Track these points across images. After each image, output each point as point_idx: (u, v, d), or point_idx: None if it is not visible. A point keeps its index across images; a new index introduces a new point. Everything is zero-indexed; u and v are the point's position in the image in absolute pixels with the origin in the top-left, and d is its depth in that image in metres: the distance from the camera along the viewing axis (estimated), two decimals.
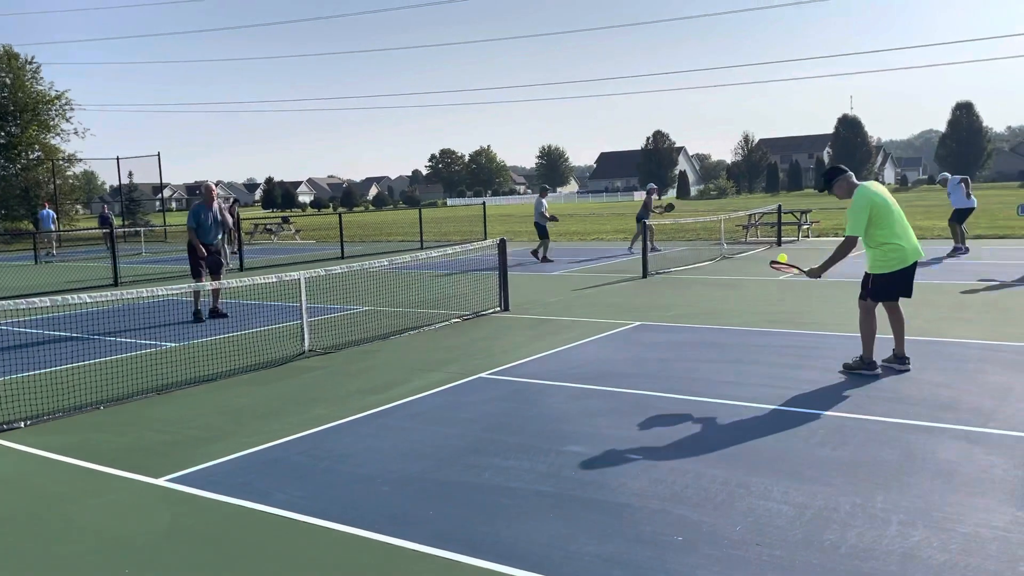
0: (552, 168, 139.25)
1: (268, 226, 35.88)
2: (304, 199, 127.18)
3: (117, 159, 40.98)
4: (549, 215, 19.80)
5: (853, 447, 5.44)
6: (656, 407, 6.55)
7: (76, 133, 49.71)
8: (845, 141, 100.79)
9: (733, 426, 6.00)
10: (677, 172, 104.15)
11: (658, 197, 22.58)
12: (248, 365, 8.77)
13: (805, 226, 23.70)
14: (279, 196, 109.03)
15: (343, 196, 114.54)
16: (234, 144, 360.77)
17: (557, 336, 9.71)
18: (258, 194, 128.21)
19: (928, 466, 5.04)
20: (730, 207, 44.68)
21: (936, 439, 5.54)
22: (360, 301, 13.05)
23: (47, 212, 31.18)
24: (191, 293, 12.37)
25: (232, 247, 20.66)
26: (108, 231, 34.65)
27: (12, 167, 41.61)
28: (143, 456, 5.88)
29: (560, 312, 11.56)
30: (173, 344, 10.31)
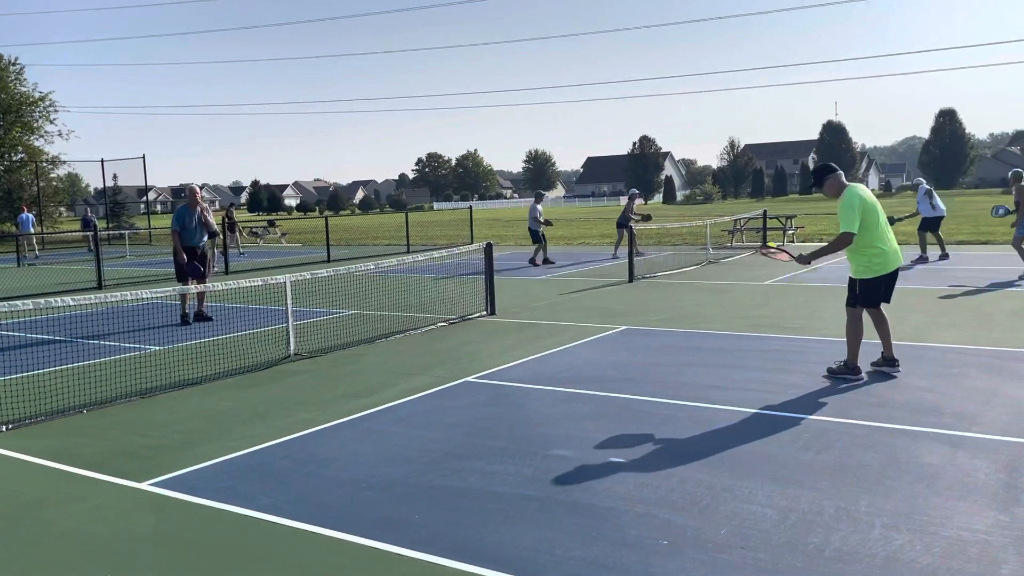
0: (539, 172, 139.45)
1: (254, 229, 35.78)
2: (290, 202, 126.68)
3: (102, 161, 40.70)
4: (544, 220, 19.80)
5: (837, 451, 5.46)
6: (642, 411, 6.56)
7: (60, 135, 49.19)
8: (830, 147, 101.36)
9: (718, 430, 6.02)
10: (663, 177, 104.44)
11: (643, 203, 22.66)
12: (233, 369, 8.73)
13: (790, 231, 23.84)
14: (265, 199, 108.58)
15: (329, 199, 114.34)
16: (220, 147, 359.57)
17: (543, 340, 9.72)
18: (244, 197, 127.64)
19: (911, 470, 5.07)
20: (716, 212, 44.83)
21: (919, 443, 5.58)
22: (346, 305, 13.02)
23: (26, 216, 30.98)
24: (178, 296, 12.30)
25: (233, 248, 20.49)
26: (90, 234, 34.56)
27: None
28: (126, 460, 5.83)
29: (546, 316, 11.57)
30: (157, 348, 10.25)
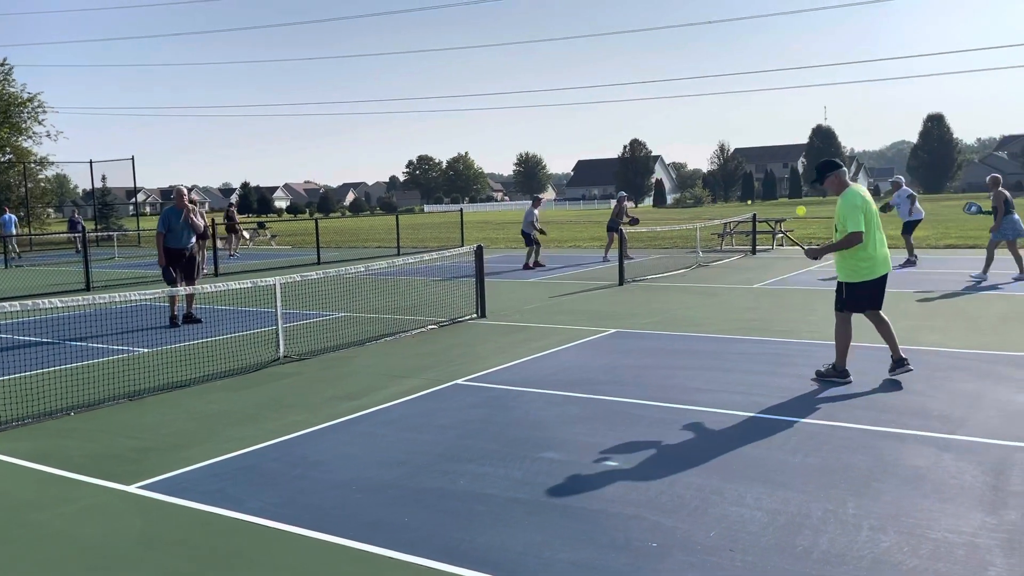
0: (530, 175, 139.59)
1: (244, 231, 35.60)
2: (280, 204, 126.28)
3: (90, 162, 40.47)
4: (540, 227, 19.75)
5: (825, 454, 5.49)
6: (631, 414, 6.58)
7: (48, 136, 48.97)
8: (819, 151, 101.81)
9: (707, 433, 6.04)
10: (653, 180, 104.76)
11: (634, 205, 22.70)
12: (222, 371, 8.70)
13: (779, 235, 23.92)
14: (255, 201, 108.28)
15: (320, 202, 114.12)
16: (209, 148, 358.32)
17: (533, 343, 9.73)
18: (234, 199, 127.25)
19: (899, 472, 5.10)
20: (706, 215, 44.99)
21: (906, 446, 5.61)
22: (336, 307, 13.00)
23: (9, 217, 30.80)
24: (167, 298, 12.25)
25: (224, 250, 20.33)
26: (77, 235, 34.33)
27: None
28: (114, 463, 5.81)
29: (537, 319, 11.58)
30: (146, 350, 10.21)
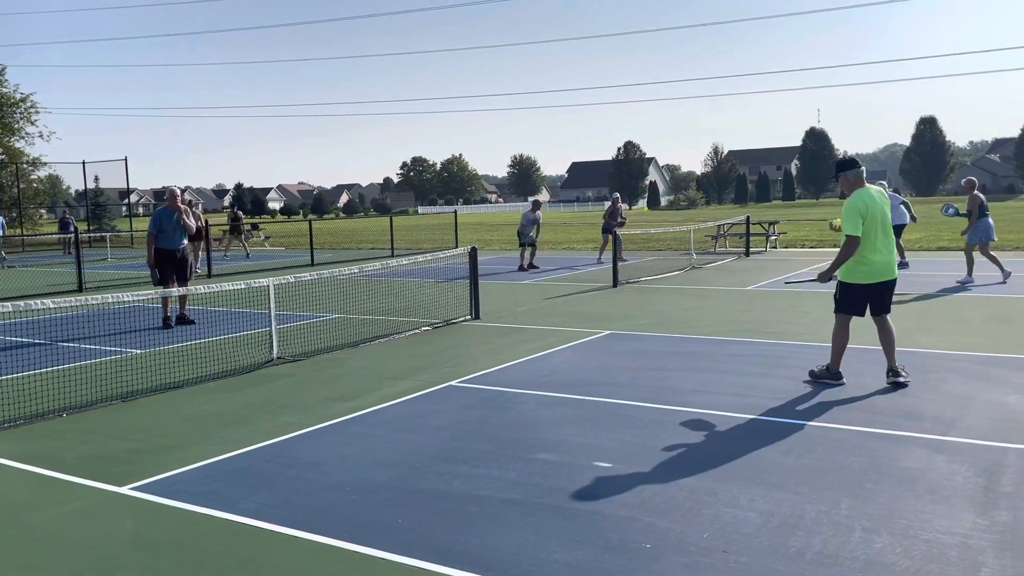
0: (524, 177, 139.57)
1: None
2: (274, 205, 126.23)
3: (83, 163, 40.38)
4: (533, 233, 19.71)
5: (818, 455, 5.51)
6: (625, 415, 6.58)
7: (41, 136, 48.79)
8: (813, 154, 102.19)
9: (701, 434, 6.05)
10: (647, 182, 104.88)
11: (628, 207, 22.69)
12: (215, 372, 8.68)
13: (773, 237, 23.99)
14: (249, 202, 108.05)
15: (313, 203, 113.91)
16: (203, 149, 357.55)
17: (527, 344, 9.73)
18: (227, 200, 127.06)
19: (891, 474, 5.12)
20: (699, 217, 45.07)
21: (899, 447, 5.63)
22: (330, 308, 12.98)
23: None
24: (159, 300, 12.23)
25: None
26: (67, 236, 34.22)
27: None
28: (106, 464, 5.79)
29: (530, 320, 11.58)
30: (138, 351, 10.18)
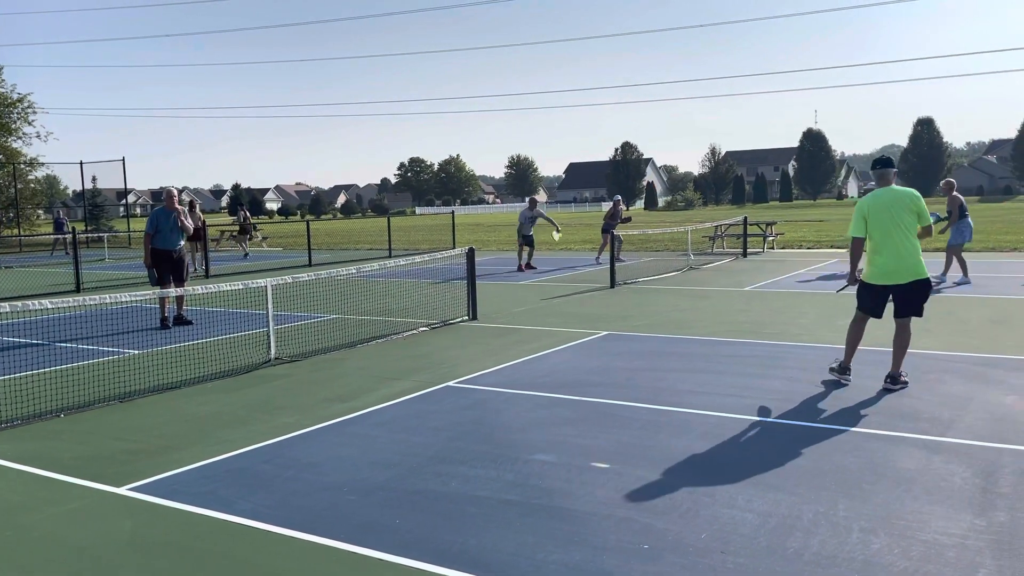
0: (521, 178, 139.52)
1: (234, 233, 35.47)
2: (271, 206, 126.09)
3: (80, 164, 40.28)
4: (527, 232, 19.71)
5: (816, 456, 5.51)
6: (623, 416, 6.58)
7: (38, 137, 48.81)
8: (810, 154, 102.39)
9: (698, 435, 6.05)
10: (645, 183, 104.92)
11: (626, 208, 22.68)
12: (213, 373, 8.68)
13: (770, 238, 24.01)
14: (247, 203, 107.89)
15: (311, 204, 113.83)
16: (201, 150, 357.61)
17: (525, 345, 9.73)
18: (225, 200, 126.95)
19: (889, 474, 5.12)
20: (697, 218, 45.07)
21: (897, 448, 5.64)
22: (327, 309, 12.98)
23: None
24: (157, 300, 12.21)
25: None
26: (60, 236, 34.18)
27: None
28: (104, 464, 5.78)
29: (528, 321, 11.58)
30: (136, 351, 10.16)
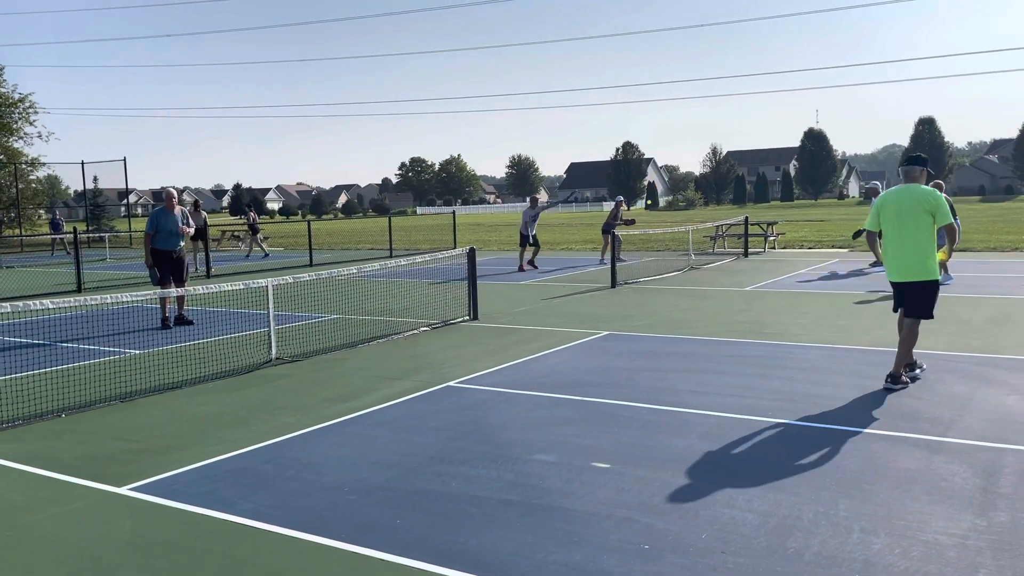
0: (522, 178, 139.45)
1: (236, 233, 35.51)
2: (273, 206, 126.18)
3: (82, 163, 40.34)
4: (533, 232, 19.68)
5: (816, 456, 5.51)
6: (623, 416, 6.59)
7: (40, 137, 48.88)
8: (811, 154, 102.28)
9: (699, 435, 6.05)
10: (646, 183, 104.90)
11: (626, 208, 22.66)
12: (214, 373, 8.68)
13: (771, 238, 24.00)
14: (248, 203, 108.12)
15: (312, 203, 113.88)
16: (202, 150, 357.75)
17: (525, 345, 9.73)
18: (226, 200, 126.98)
19: (889, 475, 5.12)
20: (698, 218, 45.08)
21: (897, 448, 5.63)
22: (328, 309, 12.98)
23: None
24: (158, 300, 12.22)
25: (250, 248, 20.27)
26: (58, 237, 34.21)
27: None
28: (105, 464, 5.79)
29: (529, 321, 11.58)
30: (137, 351, 10.17)
